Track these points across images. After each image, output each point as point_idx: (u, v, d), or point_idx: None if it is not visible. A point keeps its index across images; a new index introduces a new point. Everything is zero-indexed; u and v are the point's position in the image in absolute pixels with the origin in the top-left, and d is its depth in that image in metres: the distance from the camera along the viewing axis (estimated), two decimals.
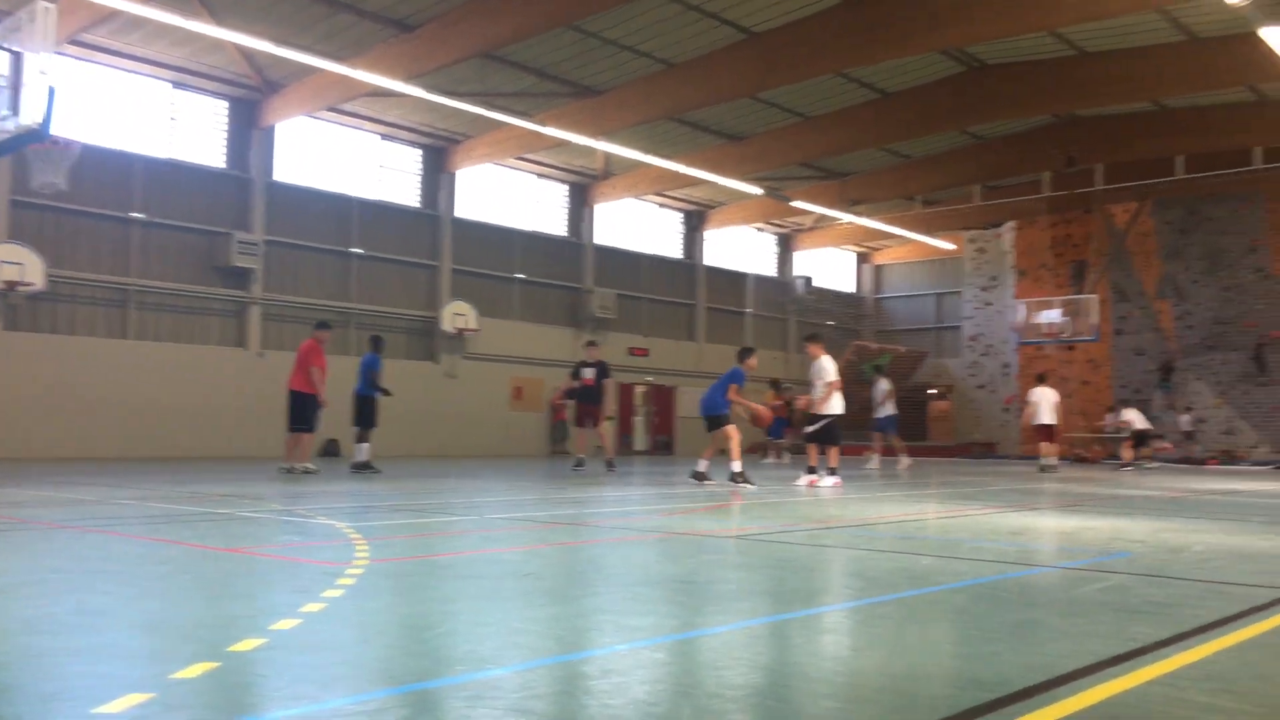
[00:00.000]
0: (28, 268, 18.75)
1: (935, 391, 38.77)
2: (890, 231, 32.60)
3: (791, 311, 36.48)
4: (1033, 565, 5.66)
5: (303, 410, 14.29)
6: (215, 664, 2.90)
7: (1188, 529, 7.71)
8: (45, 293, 19.29)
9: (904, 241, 36.47)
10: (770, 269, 36.41)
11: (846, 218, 30.36)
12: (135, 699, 2.52)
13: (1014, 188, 30.30)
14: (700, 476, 12.68)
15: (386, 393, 15.25)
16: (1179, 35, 20.07)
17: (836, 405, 13.42)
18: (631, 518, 8.46)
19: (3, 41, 11.26)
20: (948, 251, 37.01)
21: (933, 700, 2.68)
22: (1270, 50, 15.82)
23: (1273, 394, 30.50)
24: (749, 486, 12.04)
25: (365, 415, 15.10)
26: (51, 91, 10.75)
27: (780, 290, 36.33)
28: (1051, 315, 29.55)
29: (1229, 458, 29.21)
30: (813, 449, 13.60)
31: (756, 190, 26.48)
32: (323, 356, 14.41)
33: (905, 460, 20.48)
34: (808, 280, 36.36)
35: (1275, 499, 11.93)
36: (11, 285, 18.56)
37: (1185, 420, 31.06)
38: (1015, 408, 31.63)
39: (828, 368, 13.42)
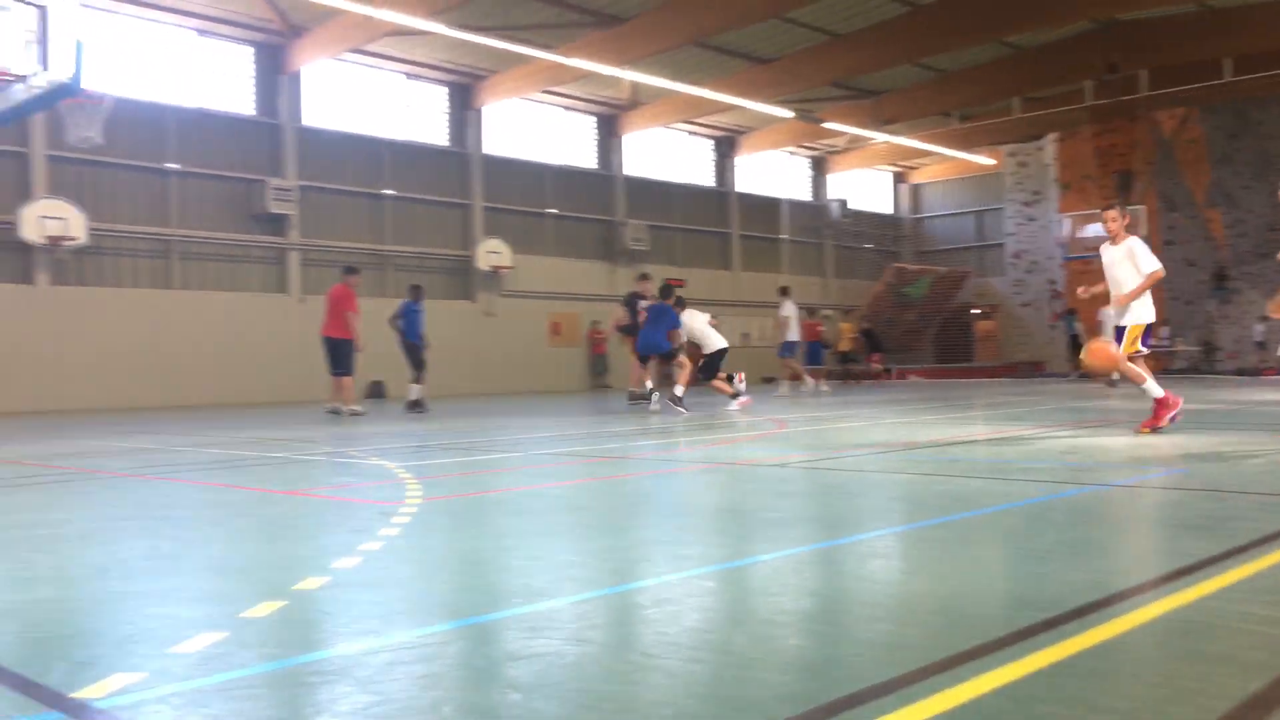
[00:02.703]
0: (70, 222, 18.99)
1: (979, 311, 38.40)
2: (927, 149, 32.00)
3: (827, 236, 36.12)
4: (1084, 484, 5.64)
5: (340, 355, 14.53)
6: (282, 602, 2.99)
7: (1244, 442, 7.63)
8: (89, 246, 19.54)
9: (941, 159, 35.84)
10: (804, 193, 35.99)
11: (881, 137, 29.83)
12: (209, 638, 2.60)
13: (1055, 98, 29.56)
14: (676, 400, 13.27)
15: (415, 343, 15.64)
16: None
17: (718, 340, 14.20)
18: (676, 449, 8.52)
19: None
20: (987, 167, 36.33)
21: (985, 621, 2.70)
22: None
23: None
24: (682, 411, 12.84)
25: (415, 359, 15.54)
26: (79, 45, 10.76)
27: (815, 215, 35.93)
28: (1098, 228, 28.98)
29: None
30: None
31: (787, 113, 26.07)
32: (355, 301, 14.59)
33: (784, 387, 20.44)
34: (843, 203, 35.89)
35: None
36: (55, 240, 18.82)
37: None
38: (1062, 325, 31.19)
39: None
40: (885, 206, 39.71)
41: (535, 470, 6.92)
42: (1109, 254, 8.96)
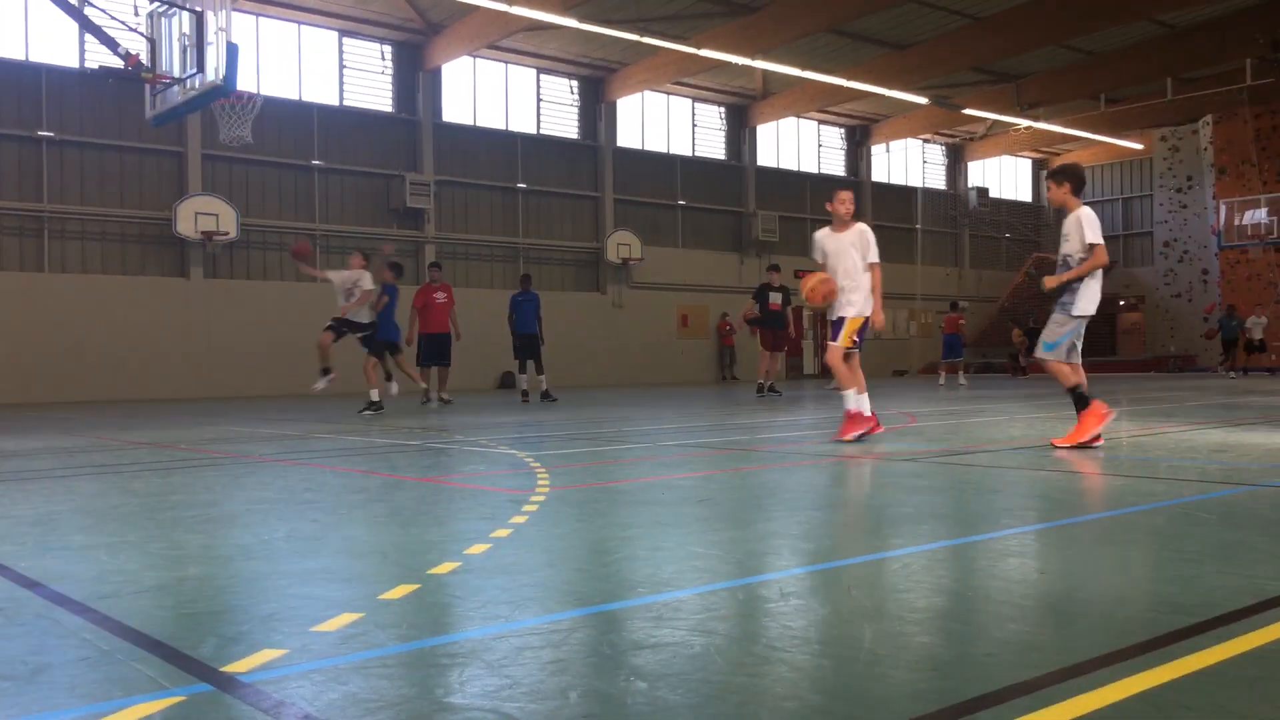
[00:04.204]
0: (222, 218, 20.00)
1: (1125, 303, 36.78)
2: (1071, 135, 30.77)
3: (964, 225, 35.14)
4: (1238, 484, 5.34)
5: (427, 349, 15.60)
6: (416, 586, 3.08)
7: None
8: (239, 241, 20.53)
9: (1087, 144, 34.45)
10: (940, 182, 35.09)
11: (1023, 123, 28.82)
12: (348, 618, 2.70)
13: (1211, 78, 28.04)
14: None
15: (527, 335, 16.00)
16: None
17: (365, 315, 13.48)
18: (804, 442, 8.43)
19: (184, 2, 11.89)
20: (1136, 152, 34.76)
21: (1128, 624, 2.58)
22: None
23: None
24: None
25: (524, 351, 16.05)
26: (233, 48, 11.31)
27: (952, 204, 35.00)
28: (1257, 215, 27.42)
29: None
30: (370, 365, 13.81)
31: (923, 100, 25.44)
32: (424, 297, 15.56)
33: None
34: (982, 191, 34.87)
35: None
36: (209, 235, 19.85)
37: None
38: (1214, 317, 29.57)
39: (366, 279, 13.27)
40: (1026, 195, 38.41)
41: (662, 461, 6.95)
42: (835, 241, 8.08)
